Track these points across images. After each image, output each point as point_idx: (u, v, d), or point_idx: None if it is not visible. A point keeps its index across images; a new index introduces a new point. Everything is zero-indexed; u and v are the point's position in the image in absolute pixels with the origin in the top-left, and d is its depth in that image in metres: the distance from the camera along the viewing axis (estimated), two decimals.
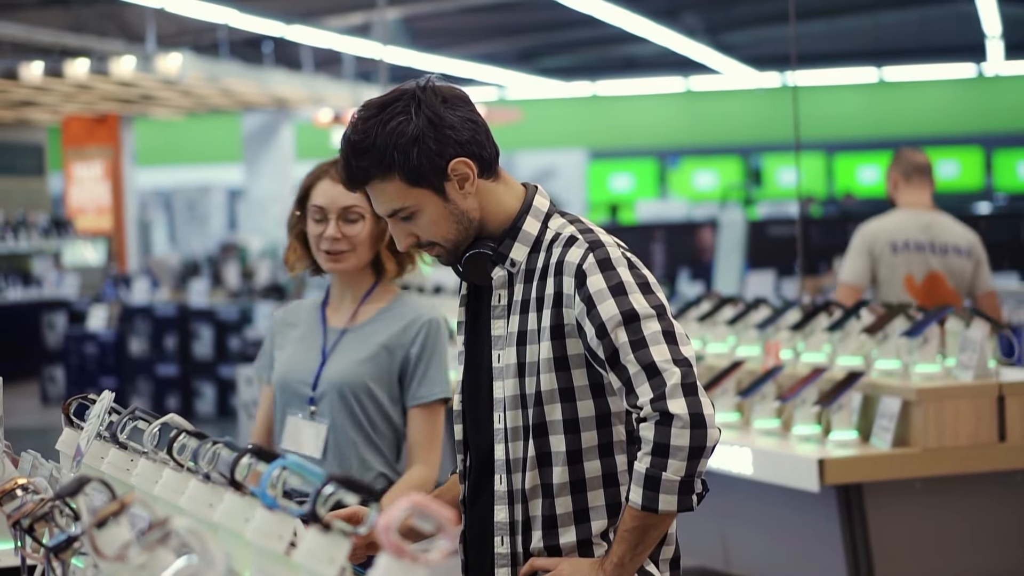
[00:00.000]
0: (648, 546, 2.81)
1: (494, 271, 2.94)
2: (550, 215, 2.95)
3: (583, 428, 2.87)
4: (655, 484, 2.73)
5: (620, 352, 2.77)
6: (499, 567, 2.95)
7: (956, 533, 4.97)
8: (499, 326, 2.94)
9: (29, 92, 16.59)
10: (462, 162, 2.86)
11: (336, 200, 3.71)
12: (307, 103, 19.89)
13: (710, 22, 21.14)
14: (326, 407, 3.72)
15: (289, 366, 3.79)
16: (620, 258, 2.84)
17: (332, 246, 3.71)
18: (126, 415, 2.44)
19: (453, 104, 2.90)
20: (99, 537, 1.73)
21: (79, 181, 20.21)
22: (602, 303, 2.79)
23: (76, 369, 14.13)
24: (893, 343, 5.14)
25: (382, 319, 3.80)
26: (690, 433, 2.71)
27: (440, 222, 2.88)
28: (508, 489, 2.92)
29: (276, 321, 3.94)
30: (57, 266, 18.30)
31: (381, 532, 1.60)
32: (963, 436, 4.85)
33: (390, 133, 2.82)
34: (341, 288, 3.85)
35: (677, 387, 2.72)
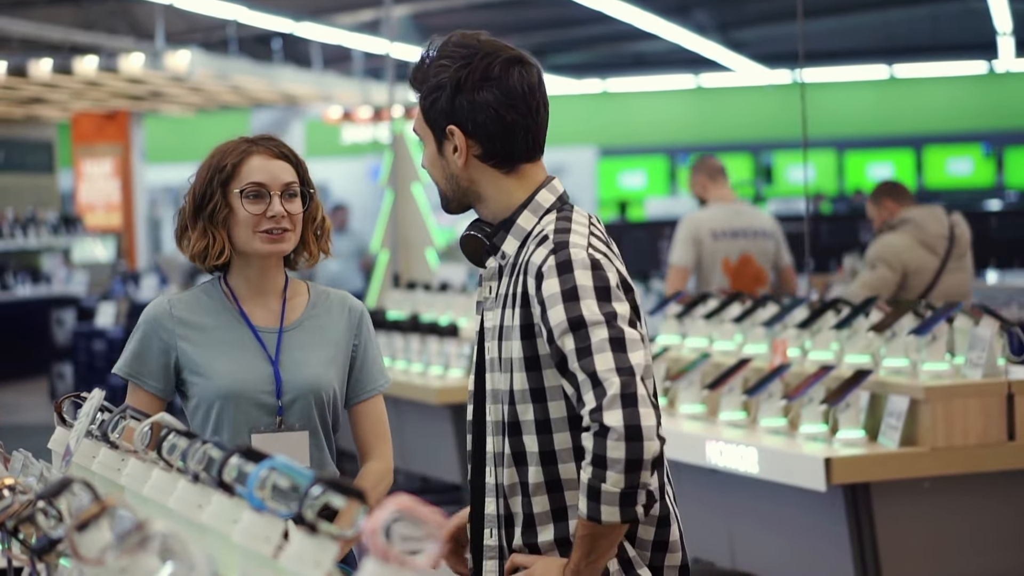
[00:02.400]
0: (601, 555, 2.78)
1: (488, 261, 2.95)
2: (549, 211, 2.92)
3: (555, 429, 2.84)
4: (596, 495, 2.69)
5: (568, 359, 2.74)
6: (487, 558, 2.97)
7: (964, 533, 4.93)
8: (488, 318, 2.95)
9: (38, 89, 16.59)
10: (457, 133, 2.89)
11: (277, 176, 3.42)
12: (317, 100, 19.87)
13: (721, 19, 21.10)
14: (297, 414, 3.44)
15: (236, 375, 3.41)
16: (584, 260, 2.79)
17: (277, 224, 3.39)
18: (117, 414, 2.40)
19: (497, 87, 2.89)
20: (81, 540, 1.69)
21: (89, 178, 20.21)
22: (552, 308, 2.76)
23: (85, 366, 14.11)
24: (901, 341, 5.10)
25: (317, 314, 3.53)
26: (625, 446, 2.64)
27: (434, 165, 2.95)
28: (496, 483, 2.94)
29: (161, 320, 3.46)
30: (66, 263, 18.30)
31: (367, 535, 1.56)
32: (972, 435, 4.81)
33: (435, 68, 2.91)
34: (256, 282, 3.48)
35: (616, 398, 2.66)
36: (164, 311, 3.47)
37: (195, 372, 3.44)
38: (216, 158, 3.44)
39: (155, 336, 3.45)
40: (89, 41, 15.90)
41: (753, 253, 8.07)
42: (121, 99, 18.24)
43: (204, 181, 3.43)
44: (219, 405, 3.41)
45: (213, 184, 3.41)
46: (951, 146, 24.72)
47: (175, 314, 3.46)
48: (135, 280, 16.14)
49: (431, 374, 7.35)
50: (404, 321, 7.77)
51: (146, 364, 3.45)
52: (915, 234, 7.53)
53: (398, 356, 7.69)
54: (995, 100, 24.39)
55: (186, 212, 3.45)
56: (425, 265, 11.76)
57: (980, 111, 24.39)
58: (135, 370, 3.44)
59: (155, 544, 1.57)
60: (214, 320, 3.47)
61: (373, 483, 3.48)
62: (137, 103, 18.93)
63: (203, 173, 3.45)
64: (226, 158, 3.42)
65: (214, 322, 3.46)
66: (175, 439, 2.12)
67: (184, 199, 3.50)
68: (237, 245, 3.43)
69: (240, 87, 17.33)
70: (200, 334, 3.45)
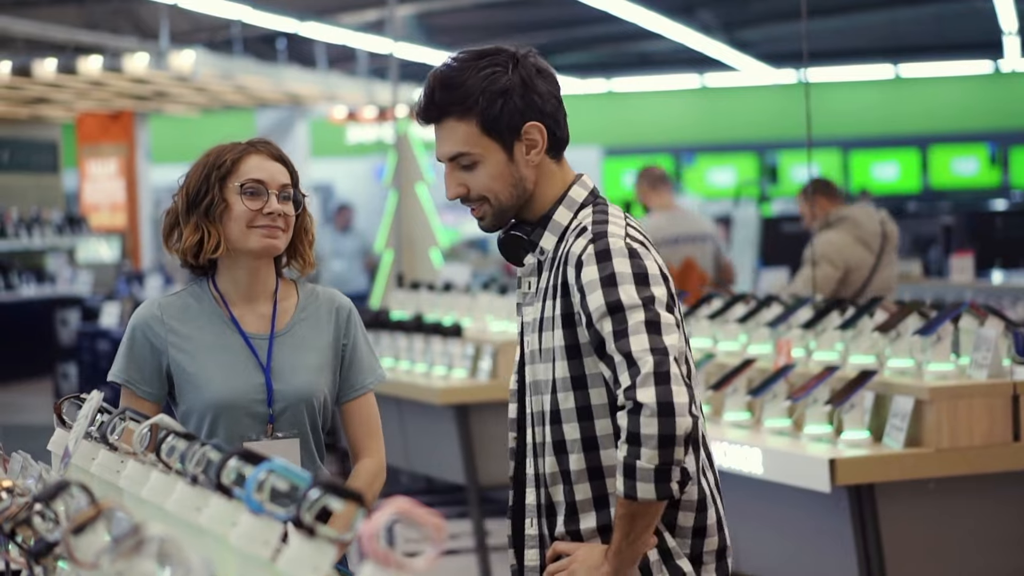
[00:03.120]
0: (640, 534, 2.85)
1: (526, 258, 3.04)
2: (584, 205, 3.02)
3: (596, 415, 2.93)
4: (632, 472, 2.78)
5: (606, 342, 2.83)
6: (528, 548, 3.06)
7: (969, 534, 4.92)
8: (528, 312, 3.05)
9: (43, 89, 16.59)
10: (537, 127, 2.96)
11: (275, 176, 3.41)
12: (321, 100, 19.86)
13: (726, 19, 21.07)
14: (288, 422, 3.43)
15: (229, 385, 3.40)
16: (621, 248, 2.88)
17: (273, 221, 3.38)
18: (116, 415, 2.39)
19: (545, 77, 3.00)
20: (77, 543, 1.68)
21: (93, 178, 20.21)
22: (591, 294, 2.85)
23: (89, 366, 14.09)
24: (906, 341, 5.09)
25: (307, 317, 3.51)
26: (658, 422, 2.73)
27: (498, 179, 2.98)
28: (535, 472, 3.02)
29: (152, 325, 3.45)
30: (71, 263, 18.30)
31: (366, 539, 1.55)
32: (977, 436, 4.79)
33: (483, 78, 2.93)
34: (245, 284, 3.47)
35: (649, 376, 2.75)
36: (154, 316, 3.46)
37: (186, 381, 3.43)
38: (213, 156, 3.44)
39: (146, 342, 3.44)
40: (93, 41, 15.89)
41: (695, 256, 8.51)
42: (125, 99, 18.24)
43: (200, 177, 3.42)
44: (211, 415, 3.40)
45: (210, 179, 3.40)
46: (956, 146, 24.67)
47: (165, 320, 3.45)
48: (139, 280, 16.13)
49: (435, 374, 7.34)
50: (408, 321, 7.76)
51: (140, 370, 3.44)
52: (853, 232, 7.80)
53: (401, 356, 7.68)
54: (1001, 100, 24.35)
55: (178, 209, 3.44)
56: (429, 265, 11.75)
57: (985, 111, 24.34)
58: (130, 376, 3.44)
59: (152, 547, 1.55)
60: (204, 327, 3.45)
61: (367, 482, 3.47)
62: (142, 103, 18.93)
63: (198, 170, 3.44)
64: (224, 155, 3.42)
65: (204, 329, 3.45)
66: (174, 441, 2.11)
67: (174, 199, 3.48)
68: (230, 241, 3.41)
69: (244, 87, 17.33)
70: (190, 341, 3.44)
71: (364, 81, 19.60)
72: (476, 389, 7.07)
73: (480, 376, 7.12)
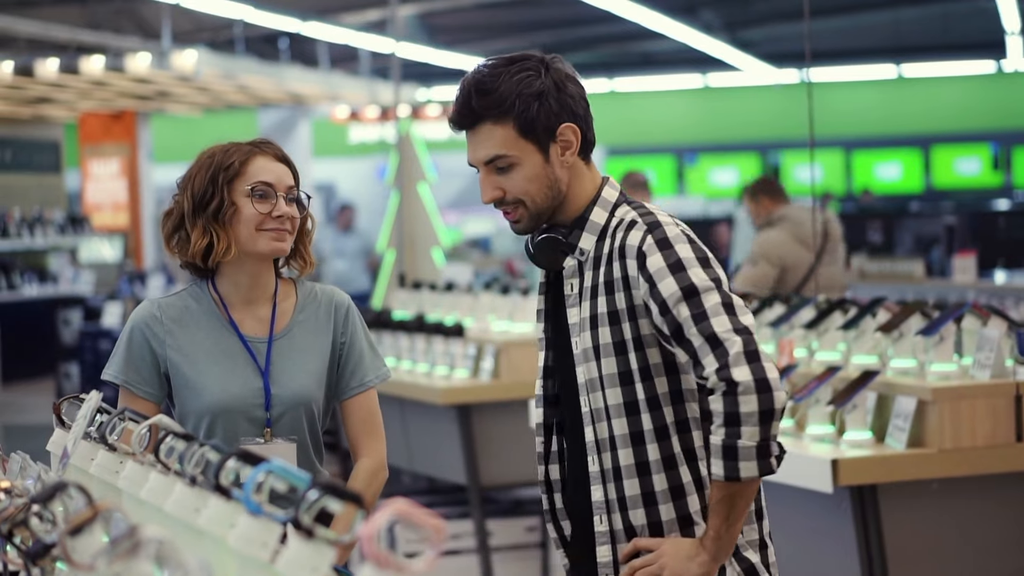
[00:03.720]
0: (739, 515, 2.90)
1: (565, 261, 3.07)
2: (618, 204, 3.08)
3: (664, 404, 2.97)
4: (733, 453, 2.83)
5: (683, 327, 2.87)
6: (600, 544, 3.05)
7: (972, 535, 4.90)
8: (574, 313, 3.07)
9: (45, 89, 16.58)
10: (571, 128, 3.02)
11: (282, 178, 3.41)
12: (324, 99, 19.85)
13: (728, 18, 21.06)
14: (286, 427, 3.41)
15: (227, 390, 3.38)
16: (679, 235, 2.96)
17: (282, 224, 3.38)
18: (115, 415, 2.38)
19: (574, 81, 3.07)
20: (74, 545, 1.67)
21: (96, 178, 20.21)
22: (662, 280, 2.90)
23: (91, 366, 14.08)
24: (908, 341, 5.07)
25: (305, 318, 3.50)
26: (757, 398, 2.80)
27: (534, 181, 3.02)
28: (600, 469, 3.03)
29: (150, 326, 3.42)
30: (73, 263, 18.30)
31: (365, 541, 1.54)
32: (980, 436, 4.78)
33: (517, 82, 2.98)
34: (247, 287, 3.46)
35: (740, 355, 2.82)
36: (153, 317, 3.44)
37: (184, 385, 3.41)
38: (218, 157, 3.41)
39: (145, 343, 3.43)
40: (96, 41, 15.89)
41: None
42: (128, 99, 18.23)
43: (205, 179, 3.39)
44: (208, 419, 3.39)
45: (217, 182, 3.38)
46: (959, 146, 24.66)
47: (164, 321, 3.43)
48: (142, 280, 16.13)
49: (436, 374, 7.33)
50: (410, 321, 7.75)
51: (138, 371, 3.42)
52: (791, 230, 8.03)
53: (403, 356, 7.67)
54: (1003, 100, 24.33)
55: (183, 211, 3.41)
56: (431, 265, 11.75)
57: (988, 111, 24.33)
58: (129, 377, 3.42)
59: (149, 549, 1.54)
60: (203, 329, 3.44)
61: (366, 482, 3.46)
62: (144, 103, 18.92)
63: (203, 172, 3.41)
64: (230, 157, 3.40)
65: (203, 331, 3.44)
66: (173, 442, 2.10)
67: (174, 200, 3.46)
68: (240, 244, 3.39)
69: (247, 87, 17.32)
70: (189, 344, 3.42)
71: (366, 81, 19.60)
72: (478, 389, 7.05)
73: (482, 376, 7.11)
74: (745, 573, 3.02)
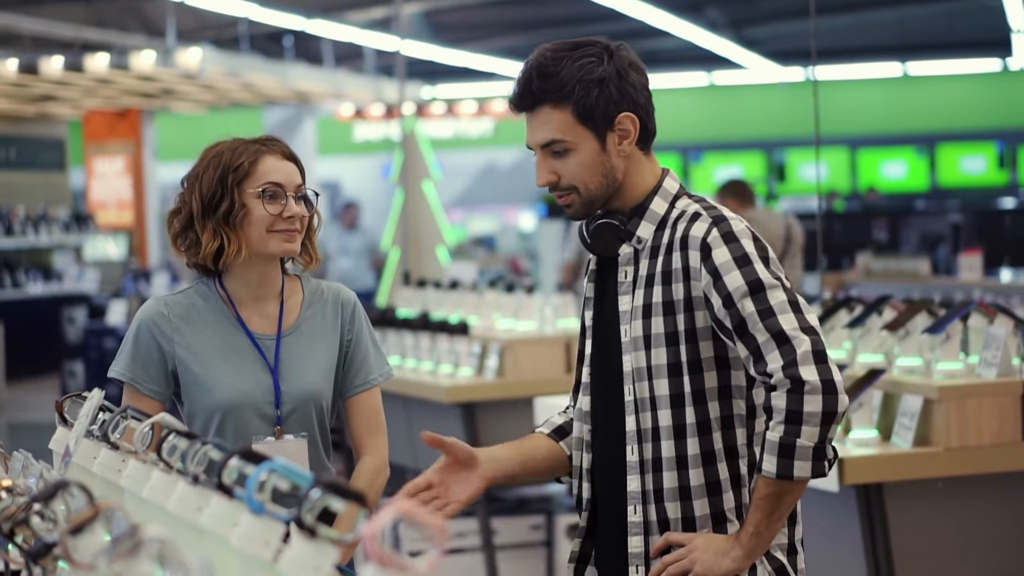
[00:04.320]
0: (782, 514, 2.90)
1: (621, 248, 3.04)
2: (678, 196, 3.07)
3: (709, 399, 2.96)
4: (789, 451, 2.82)
5: (748, 321, 2.86)
6: (632, 535, 3.02)
7: (978, 534, 4.89)
8: (625, 301, 3.04)
9: (50, 87, 16.58)
10: (630, 118, 3.01)
11: (292, 177, 3.39)
12: (328, 97, 19.84)
13: (733, 16, 21.05)
14: (296, 423, 3.40)
15: (238, 387, 3.37)
16: (744, 230, 2.95)
17: (292, 224, 3.37)
18: (117, 414, 2.37)
19: (637, 69, 3.06)
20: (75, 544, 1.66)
21: (100, 176, 20.21)
22: (728, 274, 2.89)
23: (96, 364, 14.09)
24: (915, 340, 5.06)
25: (313, 315, 3.49)
26: (822, 399, 2.79)
27: (590, 167, 3.00)
28: (639, 459, 3.00)
29: (158, 323, 3.41)
30: (78, 261, 18.30)
31: (367, 540, 1.53)
32: (986, 435, 4.77)
33: (579, 68, 2.96)
34: (255, 286, 3.44)
35: (808, 354, 2.81)
36: (161, 315, 3.42)
37: (193, 382, 3.40)
38: (225, 157, 3.38)
39: (153, 340, 3.41)
40: (100, 39, 15.89)
41: None
42: (132, 97, 18.23)
43: (214, 180, 3.37)
44: (219, 417, 3.38)
45: (226, 183, 3.36)
46: (964, 144, 24.63)
47: (172, 319, 3.42)
48: (146, 278, 16.13)
49: (441, 372, 7.32)
50: (414, 319, 7.74)
51: (145, 368, 3.40)
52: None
53: (408, 354, 7.66)
54: (1009, 98, 24.30)
55: (192, 212, 3.39)
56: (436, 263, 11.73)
57: (994, 109, 24.30)
58: (135, 375, 3.40)
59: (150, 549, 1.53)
60: (211, 327, 3.43)
61: (368, 480, 3.45)
62: (148, 100, 18.92)
63: (210, 172, 3.38)
64: (239, 157, 3.37)
65: (211, 329, 3.42)
66: (175, 440, 2.08)
67: (179, 199, 3.44)
68: (250, 246, 3.38)
69: (252, 84, 17.31)
70: (198, 342, 3.41)
71: (371, 79, 19.59)
72: (483, 387, 7.04)
73: (487, 374, 7.10)
74: (776, 573, 3.00)
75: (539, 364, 7.07)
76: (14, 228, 17.45)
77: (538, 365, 7.06)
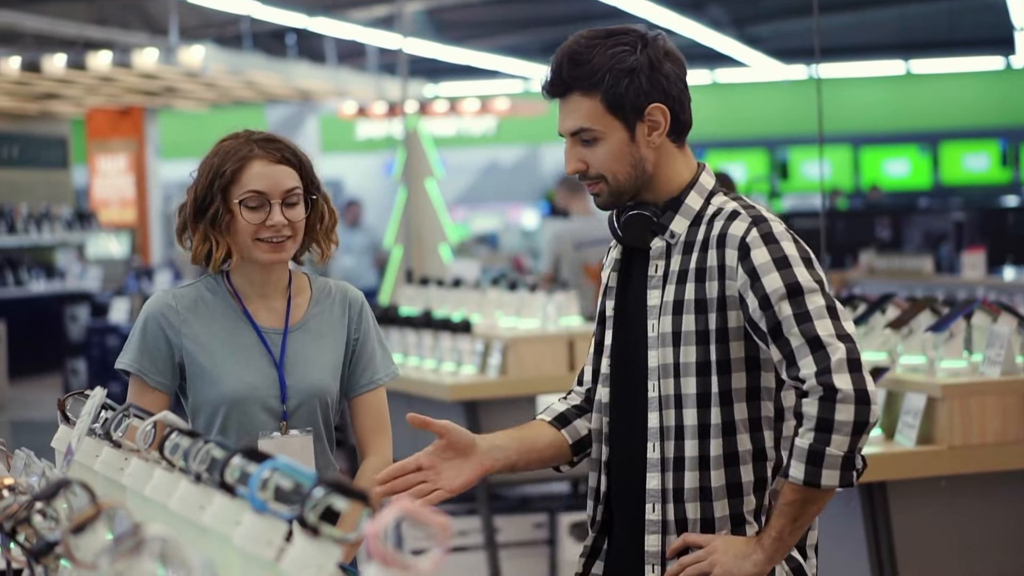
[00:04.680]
0: (806, 521, 2.86)
1: (653, 241, 3.00)
2: (714, 192, 3.02)
3: (736, 400, 2.91)
4: (818, 459, 2.77)
5: (783, 325, 2.82)
6: (649, 533, 2.98)
7: (982, 532, 4.88)
8: (655, 295, 2.99)
9: (52, 85, 16.58)
10: (660, 109, 2.95)
11: (278, 183, 3.32)
12: (331, 95, 19.84)
13: (736, 14, 21.04)
14: (301, 418, 3.39)
15: (243, 380, 3.36)
16: (783, 232, 2.90)
17: (276, 234, 3.32)
18: (120, 412, 2.36)
19: (672, 60, 2.99)
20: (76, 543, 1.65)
21: (103, 174, 20.22)
22: (766, 275, 2.84)
23: (98, 362, 14.09)
24: (918, 338, 5.05)
25: (320, 312, 3.47)
26: (855, 408, 2.75)
27: (618, 157, 2.96)
28: (660, 456, 2.96)
29: (165, 315, 3.40)
30: (80, 259, 18.30)
31: (370, 539, 1.52)
32: (990, 433, 4.76)
33: (611, 56, 2.93)
34: (261, 282, 3.43)
35: (842, 362, 2.77)
36: (169, 307, 3.41)
37: (198, 375, 3.39)
38: (218, 159, 3.36)
39: (160, 332, 3.39)
40: (103, 37, 15.88)
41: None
42: (135, 95, 18.23)
43: (205, 184, 3.35)
44: (224, 410, 3.36)
45: (214, 188, 3.34)
46: (967, 142, 24.61)
47: (180, 311, 3.40)
48: (149, 276, 16.13)
49: (443, 370, 7.31)
50: (417, 317, 7.73)
51: (153, 360, 3.39)
52: None
53: (410, 352, 7.65)
54: (1012, 96, 24.29)
55: (187, 212, 3.39)
56: (438, 261, 11.72)
57: (997, 107, 24.29)
58: (143, 366, 3.39)
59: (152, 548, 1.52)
60: (218, 320, 3.41)
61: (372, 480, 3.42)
62: (151, 99, 18.92)
63: (204, 173, 3.37)
64: (226, 162, 3.34)
65: (218, 322, 3.41)
66: (178, 438, 2.07)
67: (186, 194, 3.45)
68: (239, 251, 3.37)
69: (254, 82, 17.31)
70: (205, 334, 3.39)
71: (374, 77, 19.58)
72: (485, 385, 7.04)
73: (489, 372, 7.09)
74: (793, 572, 2.96)
75: (542, 362, 7.06)
76: (17, 226, 17.45)
77: (541, 363, 7.05)
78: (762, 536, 2.86)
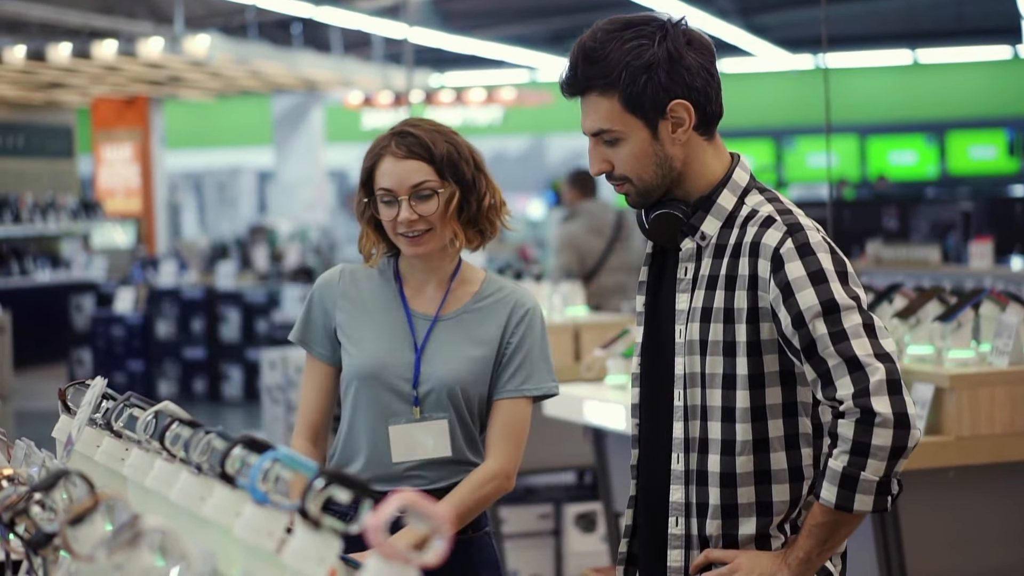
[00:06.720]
0: (835, 544, 2.75)
1: (683, 242, 2.86)
2: (748, 190, 2.87)
3: (770, 416, 2.78)
4: (852, 483, 2.66)
5: (818, 343, 2.68)
6: (672, 548, 2.87)
7: (990, 523, 4.86)
8: (683, 300, 2.86)
9: (57, 74, 16.57)
10: (683, 105, 2.81)
11: (404, 180, 3.33)
12: (337, 85, 19.81)
13: (743, 4, 20.99)
14: (434, 405, 3.36)
15: (377, 357, 3.37)
16: (820, 243, 2.76)
17: (410, 229, 3.33)
18: (121, 402, 2.34)
19: (696, 48, 2.84)
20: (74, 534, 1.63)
21: (108, 163, 20.20)
22: (801, 291, 2.70)
23: (103, 352, 14.10)
24: (926, 328, 5.02)
25: (479, 307, 3.44)
26: (893, 433, 2.64)
27: (641, 158, 2.82)
28: (685, 469, 2.84)
29: (328, 287, 3.48)
30: (86, 248, 18.30)
31: (371, 532, 1.50)
32: (998, 424, 4.73)
33: (627, 52, 2.78)
34: (421, 269, 3.45)
35: (882, 384, 2.64)
36: (333, 279, 3.50)
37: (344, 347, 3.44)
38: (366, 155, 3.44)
39: (319, 302, 3.48)
40: (108, 25, 15.86)
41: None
42: (140, 84, 18.22)
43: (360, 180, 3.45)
44: (356, 384, 3.40)
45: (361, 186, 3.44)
46: (974, 132, 24.56)
47: (341, 283, 3.48)
48: (154, 266, 16.12)
49: None
50: None
51: (313, 330, 3.47)
52: (587, 222, 9.35)
53: None
54: (1019, 85, 24.23)
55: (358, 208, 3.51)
56: None
57: (1004, 97, 24.22)
58: (304, 336, 3.47)
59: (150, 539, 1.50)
60: (374, 297, 3.46)
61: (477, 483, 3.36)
62: (156, 88, 18.90)
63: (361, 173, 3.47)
64: (367, 159, 3.42)
65: (373, 299, 3.46)
66: (178, 429, 2.06)
67: None
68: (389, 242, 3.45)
69: (260, 72, 17.29)
70: (357, 307, 3.45)
71: (379, 66, 19.55)
72: None
73: None
74: None
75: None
76: (22, 216, 17.44)
77: None
78: (788, 555, 2.76)
